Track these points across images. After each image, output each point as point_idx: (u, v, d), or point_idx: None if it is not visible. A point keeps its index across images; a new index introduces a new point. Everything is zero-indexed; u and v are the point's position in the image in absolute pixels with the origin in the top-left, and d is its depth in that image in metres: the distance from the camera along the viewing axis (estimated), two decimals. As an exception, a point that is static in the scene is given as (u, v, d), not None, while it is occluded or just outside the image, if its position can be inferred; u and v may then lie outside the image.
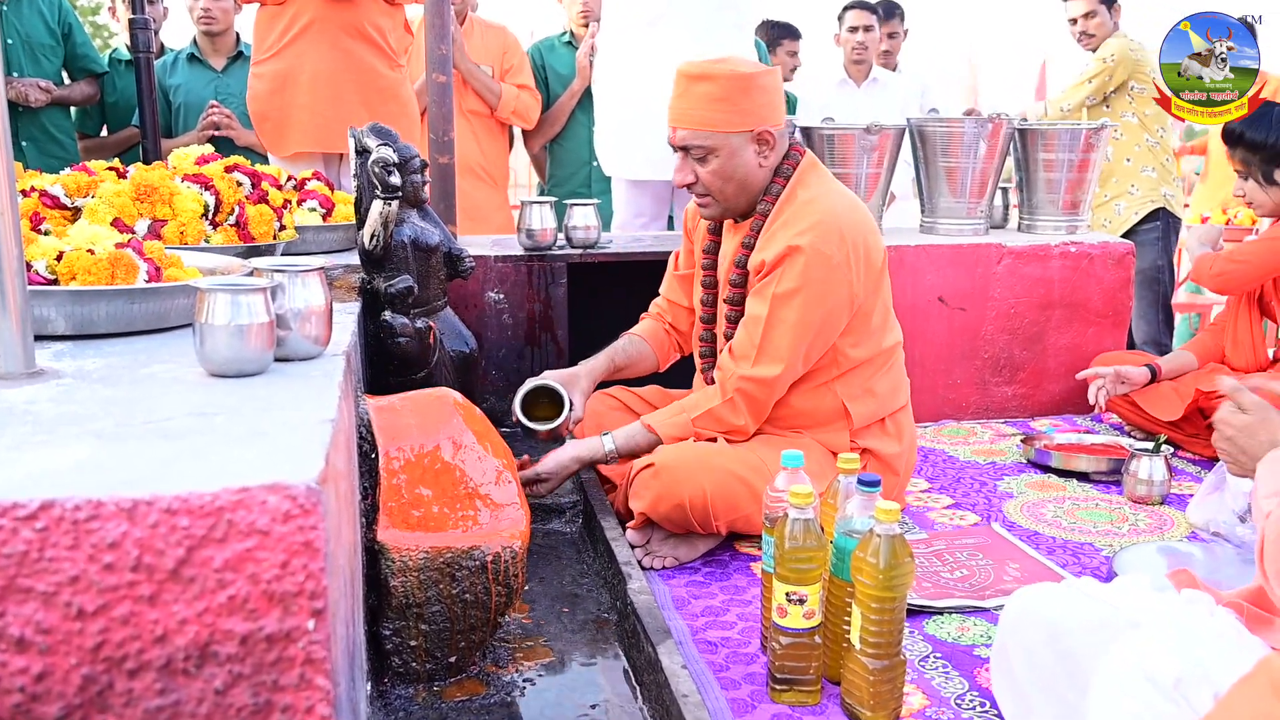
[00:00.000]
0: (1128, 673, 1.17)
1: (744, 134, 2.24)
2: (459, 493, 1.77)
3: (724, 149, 2.24)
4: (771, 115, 2.27)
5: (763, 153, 2.27)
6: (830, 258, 2.19)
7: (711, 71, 2.22)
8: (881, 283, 2.33)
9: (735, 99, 2.22)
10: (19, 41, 3.88)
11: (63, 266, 1.64)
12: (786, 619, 1.64)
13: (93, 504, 0.95)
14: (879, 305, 2.33)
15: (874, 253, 2.28)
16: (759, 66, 2.28)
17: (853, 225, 2.24)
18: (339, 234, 2.74)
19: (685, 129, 2.26)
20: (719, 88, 2.21)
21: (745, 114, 2.23)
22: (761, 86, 2.24)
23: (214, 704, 1.00)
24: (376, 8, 3.34)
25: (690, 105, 2.24)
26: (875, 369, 2.35)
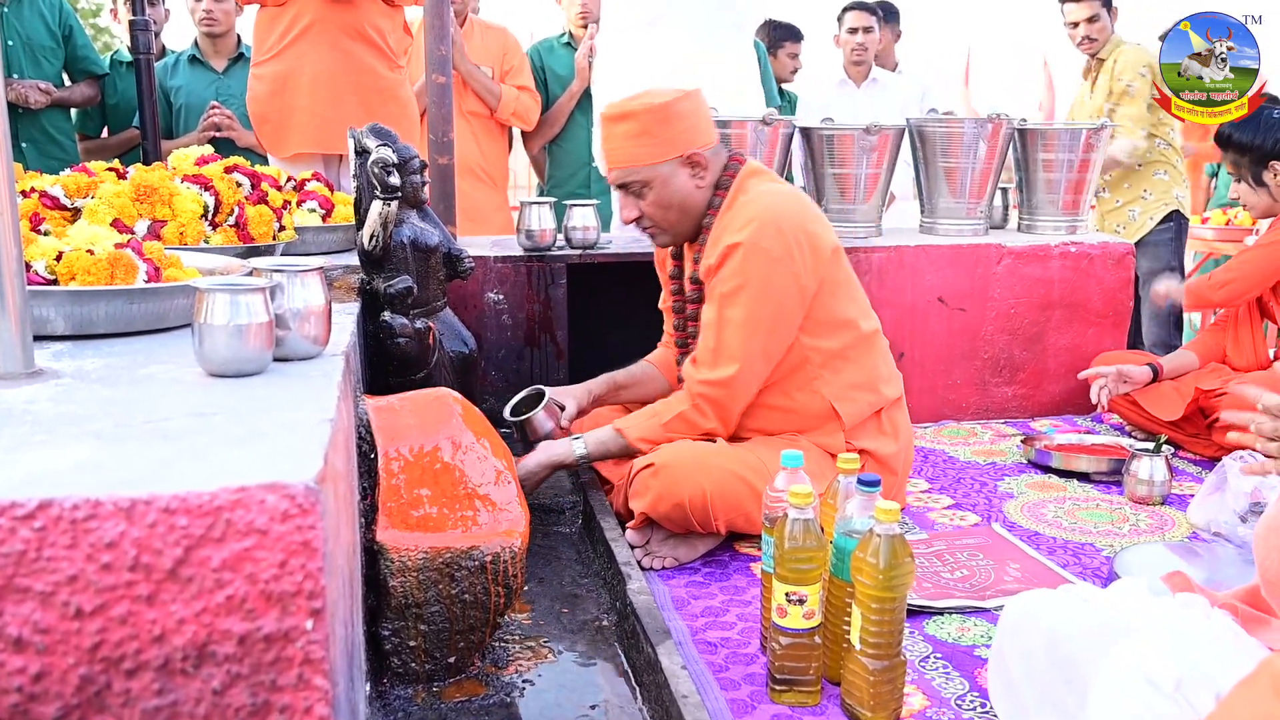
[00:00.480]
0: (1128, 675, 1.17)
1: (673, 161, 2.29)
2: (458, 493, 1.77)
3: (656, 179, 2.30)
4: (696, 137, 2.32)
5: (697, 174, 2.33)
6: (769, 250, 2.21)
7: (628, 109, 2.29)
8: (836, 271, 2.32)
9: (655, 130, 2.27)
10: (19, 43, 3.89)
11: (62, 267, 1.64)
12: (786, 619, 1.63)
13: (91, 503, 0.95)
14: (841, 293, 2.33)
15: (819, 241, 2.27)
16: (675, 93, 2.31)
17: (791, 217, 2.25)
18: (338, 235, 2.74)
19: (617, 169, 2.33)
20: (638, 123, 2.28)
21: (669, 142, 2.28)
22: (679, 112, 2.29)
23: (212, 704, 1.00)
24: (376, 9, 3.34)
25: (616, 145, 2.32)
26: (852, 361, 2.34)
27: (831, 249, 2.31)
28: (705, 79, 3.33)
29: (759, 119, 3.14)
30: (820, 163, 3.34)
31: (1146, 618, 1.28)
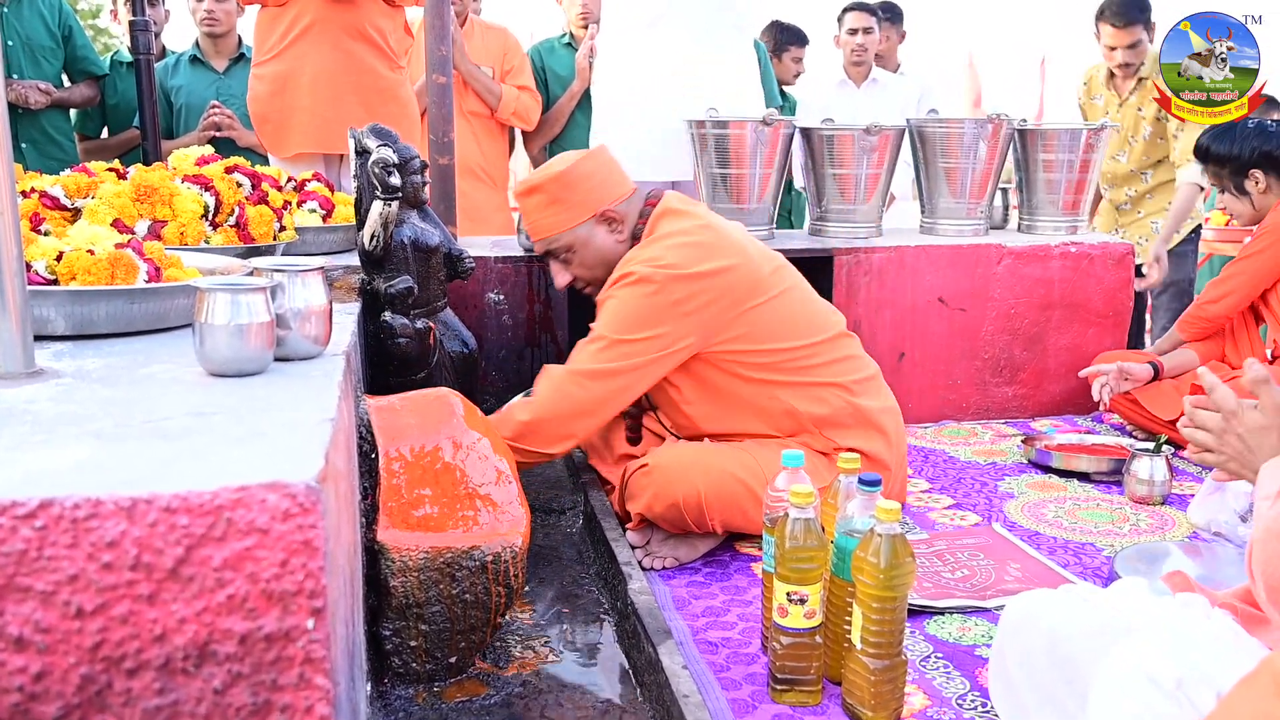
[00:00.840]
0: (1129, 674, 1.16)
1: (588, 222, 2.37)
2: (459, 493, 1.77)
3: (577, 242, 2.38)
4: (606, 194, 2.38)
5: (614, 229, 2.39)
6: (643, 285, 2.23)
7: (534, 182, 2.39)
8: (761, 293, 2.29)
9: (564, 197, 2.36)
10: (19, 43, 3.88)
11: (62, 267, 1.64)
12: (787, 619, 1.63)
13: (91, 502, 0.95)
14: (778, 311, 2.30)
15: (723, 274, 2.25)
16: (577, 155, 2.40)
17: (679, 254, 2.25)
18: (339, 235, 2.74)
19: (538, 239, 2.43)
20: (546, 194, 2.37)
21: (579, 205, 2.36)
22: (584, 174, 2.36)
23: (213, 703, 1.00)
24: (377, 9, 3.34)
25: (533, 218, 2.41)
26: (810, 368, 2.32)
27: (748, 279, 2.28)
28: (705, 79, 3.35)
29: (759, 119, 3.14)
30: (820, 163, 3.34)
31: (1147, 617, 1.28)
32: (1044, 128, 3.48)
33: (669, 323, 2.23)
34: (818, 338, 2.35)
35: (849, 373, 2.37)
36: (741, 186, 3.22)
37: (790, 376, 2.31)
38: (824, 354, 2.35)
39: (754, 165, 3.20)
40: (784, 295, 2.34)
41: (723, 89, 3.33)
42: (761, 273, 2.32)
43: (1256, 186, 2.98)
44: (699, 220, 2.36)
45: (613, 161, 2.45)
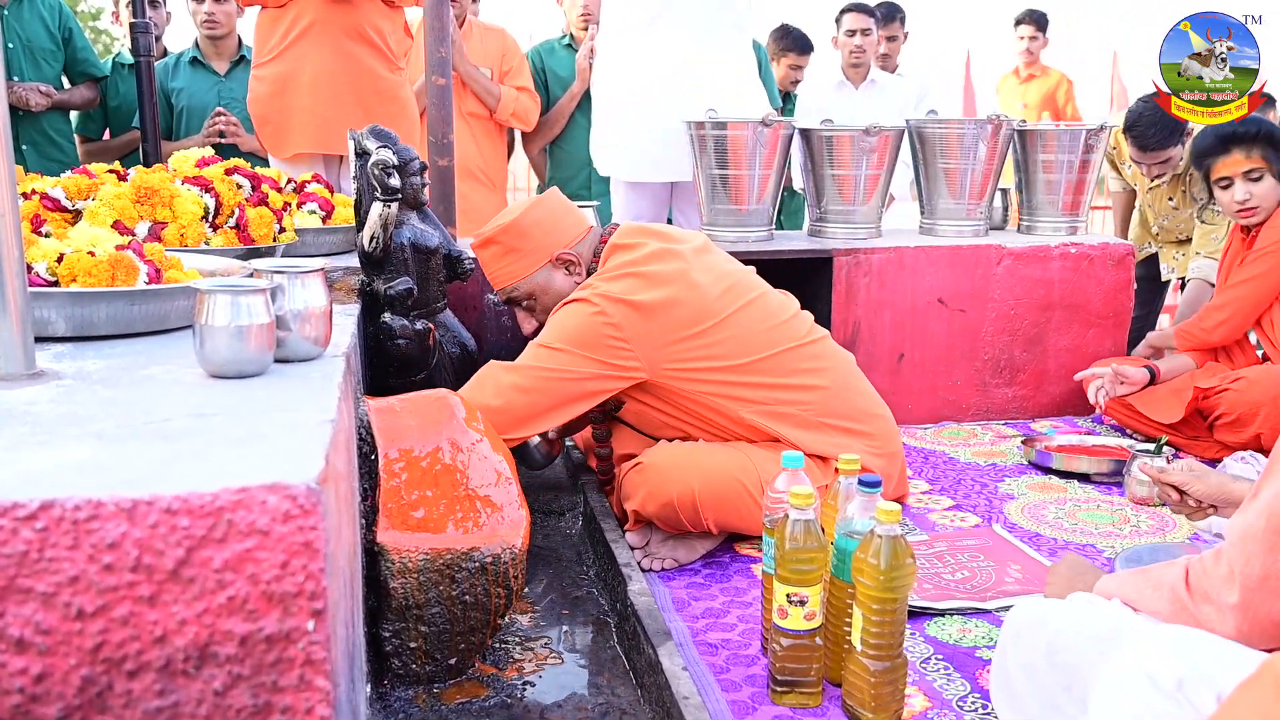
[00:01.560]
0: (1129, 674, 1.16)
1: (545, 268, 2.40)
2: (459, 494, 1.77)
3: (536, 289, 2.41)
4: (559, 238, 2.40)
5: (573, 272, 2.41)
6: (589, 300, 2.24)
7: (487, 234, 2.40)
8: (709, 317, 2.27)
9: (517, 245, 2.38)
10: (19, 45, 3.89)
11: (63, 268, 1.64)
12: (787, 620, 1.63)
13: (92, 504, 0.95)
14: (724, 332, 2.28)
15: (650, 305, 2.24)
16: (525, 204, 2.42)
17: (624, 279, 2.26)
18: (339, 237, 2.74)
19: (499, 288, 2.46)
20: (500, 245, 2.39)
21: (533, 253, 2.39)
22: (534, 221, 2.38)
23: (213, 705, 1.00)
24: (376, 10, 3.34)
25: (491, 269, 2.44)
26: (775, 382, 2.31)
27: (694, 307, 2.27)
28: (704, 80, 3.35)
29: (758, 120, 3.14)
30: (820, 164, 3.34)
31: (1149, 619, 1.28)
32: (1043, 128, 3.48)
33: (604, 348, 2.22)
34: (773, 350, 2.33)
35: (813, 385, 2.35)
36: (740, 187, 3.22)
37: (749, 394, 2.30)
38: (785, 369, 2.33)
39: (753, 166, 3.20)
40: (736, 316, 2.32)
41: (722, 89, 3.33)
42: (708, 298, 2.30)
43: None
44: (646, 250, 2.34)
45: (564, 204, 2.47)
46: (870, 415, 2.42)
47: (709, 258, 2.42)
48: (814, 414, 2.33)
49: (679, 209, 3.75)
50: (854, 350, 3.15)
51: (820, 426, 2.33)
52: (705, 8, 3.38)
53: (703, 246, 2.45)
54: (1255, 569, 1.21)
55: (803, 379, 2.34)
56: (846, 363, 2.47)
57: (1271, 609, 1.21)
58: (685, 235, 2.46)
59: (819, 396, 2.35)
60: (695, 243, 2.44)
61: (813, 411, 2.33)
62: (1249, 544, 1.23)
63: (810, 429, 2.31)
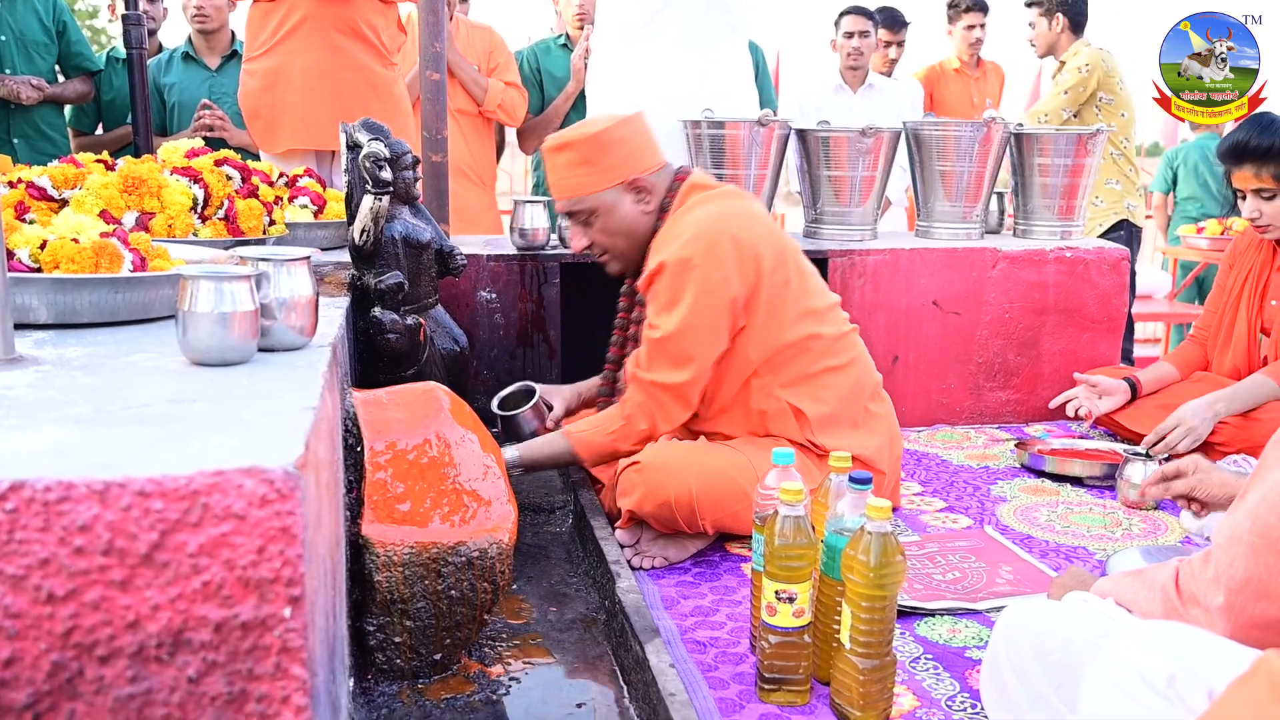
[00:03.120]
0: (1120, 670, 1.15)
1: (616, 188, 2.31)
2: (446, 488, 1.75)
3: (601, 207, 2.32)
4: (637, 162, 2.32)
5: (641, 199, 2.34)
6: (689, 260, 2.20)
7: (567, 139, 2.31)
8: (784, 274, 2.29)
9: (595, 159, 2.29)
10: (13, 38, 3.87)
11: (46, 255, 1.62)
12: (776, 617, 1.62)
13: (64, 485, 0.93)
14: (789, 298, 2.29)
15: (757, 246, 2.24)
16: (613, 119, 2.32)
17: (718, 227, 2.23)
18: (330, 231, 2.72)
19: (562, 198, 2.36)
20: (577, 153, 2.29)
21: (609, 170, 2.30)
22: (618, 139, 2.30)
23: (187, 692, 0.98)
24: (370, 5, 3.32)
25: (559, 176, 2.33)
26: (811, 363, 2.30)
27: (775, 252, 2.28)
28: (699, 80, 3.33)
29: (754, 120, 3.13)
30: (816, 165, 3.33)
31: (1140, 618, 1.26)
32: (1040, 132, 3.47)
33: (711, 296, 2.20)
34: (829, 331, 2.34)
35: (853, 374, 2.36)
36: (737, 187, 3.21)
37: (799, 364, 2.29)
38: (836, 352, 2.34)
39: (749, 166, 3.18)
40: (803, 278, 2.35)
41: (717, 90, 3.32)
42: (787, 251, 2.33)
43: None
44: (725, 192, 2.36)
45: (648, 130, 2.39)
46: (888, 417, 2.44)
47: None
48: (845, 408, 2.33)
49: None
50: (847, 351, 3.14)
51: (847, 422, 2.33)
52: (700, 9, 3.37)
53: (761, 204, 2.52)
54: (1239, 571, 1.21)
55: (846, 369, 2.35)
56: (869, 360, 2.48)
57: (1255, 611, 1.20)
58: None
59: (856, 391, 2.35)
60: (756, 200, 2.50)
61: (844, 405, 2.33)
62: (1233, 546, 1.22)
63: (837, 427, 2.31)
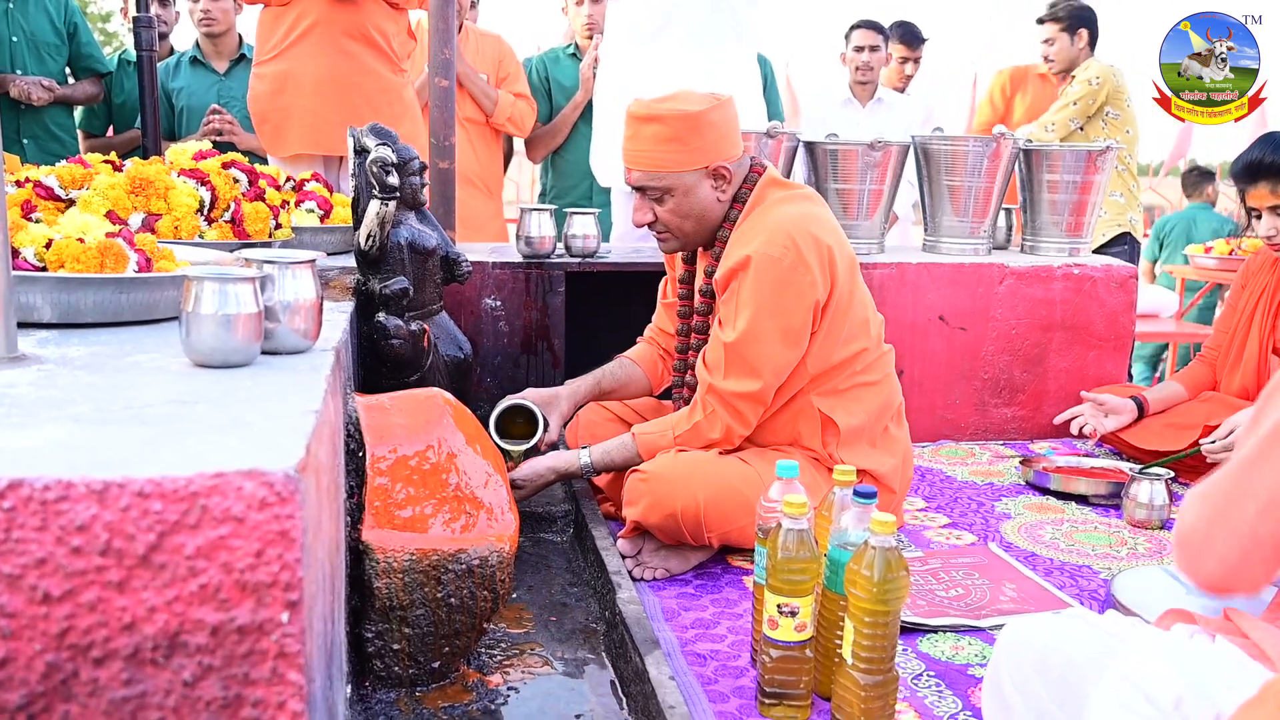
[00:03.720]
0: (1126, 691, 1.13)
1: (698, 171, 2.23)
2: (447, 495, 1.74)
3: (679, 188, 2.24)
4: (725, 149, 2.25)
5: (719, 187, 2.27)
6: (779, 261, 2.15)
7: (659, 112, 2.21)
8: (851, 284, 2.28)
9: (685, 138, 2.20)
10: (24, 39, 3.88)
11: (51, 254, 1.61)
12: (778, 631, 1.60)
13: (62, 484, 0.92)
14: (854, 307, 2.28)
15: (833, 253, 2.22)
16: (709, 101, 2.24)
17: (802, 227, 2.19)
18: (336, 236, 2.72)
19: (639, 170, 2.25)
20: (668, 128, 2.20)
21: (697, 152, 2.21)
22: (711, 122, 2.21)
23: (182, 696, 0.97)
24: (380, 11, 3.32)
25: (641, 147, 2.23)
26: (857, 376, 2.30)
27: (847, 261, 2.28)
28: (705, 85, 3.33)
29: (763, 131, 3.13)
30: (824, 178, 3.32)
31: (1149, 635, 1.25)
32: (1049, 148, 3.47)
33: (794, 300, 2.17)
34: (874, 348, 2.34)
35: (884, 392, 2.35)
36: (743, 199, 3.20)
37: (841, 376, 2.28)
38: (874, 368, 2.33)
39: (756, 178, 3.18)
40: (864, 291, 2.35)
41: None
42: (855, 263, 2.32)
43: None
44: (806, 194, 2.34)
45: (737, 117, 2.33)
46: (905, 438, 2.43)
47: None
48: (875, 424, 2.32)
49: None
50: (853, 365, 3.13)
51: (872, 439, 2.32)
52: (708, 21, 3.37)
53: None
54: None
55: (881, 386, 2.34)
56: (897, 381, 2.46)
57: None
58: None
59: (885, 409, 2.34)
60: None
61: (874, 420, 2.32)
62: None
63: (861, 443, 2.30)
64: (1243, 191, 2.86)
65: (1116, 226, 4.37)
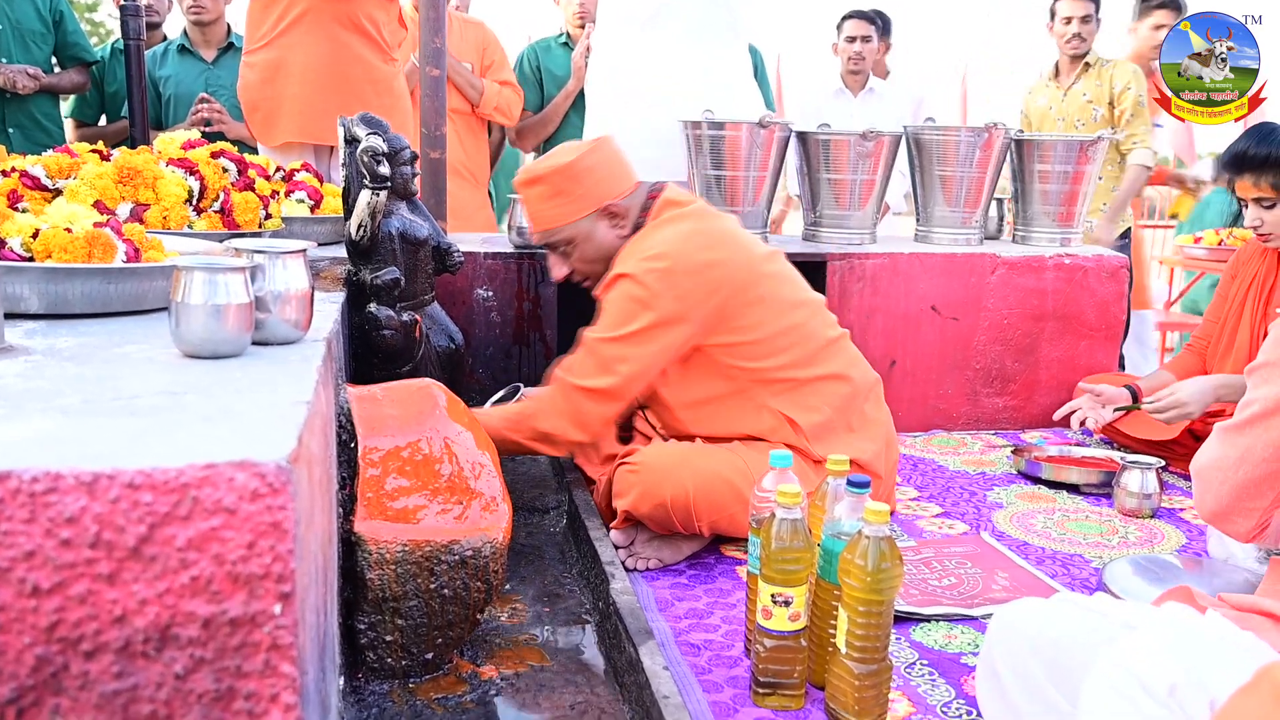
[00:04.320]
0: (1120, 677, 1.13)
1: (590, 216, 2.31)
2: (440, 486, 1.73)
3: (578, 236, 2.32)
4: (610, 188, 2.32)
5: (616, 224, 2.34)
6: (644, 281, 2.19)
7: (538, 172, 2.31)
8: (755, 288, 2.26)
9: (567, 190, 2.29)
10: (9, 28, 3.85)
11: (38, 244, 1.60)
12: (771, 621, 1.60)
13: (51, 476, 0.91)
14: (763, 310, 2.26)
15: (716, 266, 2.22)
16: (582, 148, 2.32)
17: (677, 245, 2.22)
18: (327, 227, 2.71)
19: (539, 230, 2.36)
20: (549, 185, 2.30)
21: (582, 199, 2.30)
22: (587, 168, 2.30)
23: (173, 689, 0.96)
24: (371, 0, 3.30)
25: (534, 208, 2.34)
26: (802, 372, 2.28)
27: (743, 274, 2.25)
28: (699, 80, 3.32)
29: (755, 121, 3.12)
30: (816, 168, 3.32)
31: (1143, 618, 1.25)
32: (1040, 138, 3.47)
33: (662, 317, 2.19)
34: (815, 339, 2.32)
35: (846, 380, 2.33)
36: (736, 189, 3.20)
37: (786, 375, 2.27)
38: (823, 360, 2.32)
39: (749, 168, 3.17)
40: (781, 288, 2.32)
41: (718, 86, 3.30)
42: (758, 269, 2.30)
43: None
44: (696, 211, 2.34)
45: (618, 154, 2.39)
46: (884, 423, 2.42)
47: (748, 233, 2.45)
48: (838, 416, 2.31)
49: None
50: (845, 355, 3.12)
51: (841, 428, 2.31)
52: (701, 9, 3.36)
53: (735, 220, 2.46)
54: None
55: (826, 374, 2.32)
56: (865, 364, 2.44)
57: None
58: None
59: (837, 395, 2.32)
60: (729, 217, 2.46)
61: (836, 413, 2.30)
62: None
63: (831, 434, 2.29)
64: (1231, 182, 2.86)
65: (1123, 222, 4.32)
